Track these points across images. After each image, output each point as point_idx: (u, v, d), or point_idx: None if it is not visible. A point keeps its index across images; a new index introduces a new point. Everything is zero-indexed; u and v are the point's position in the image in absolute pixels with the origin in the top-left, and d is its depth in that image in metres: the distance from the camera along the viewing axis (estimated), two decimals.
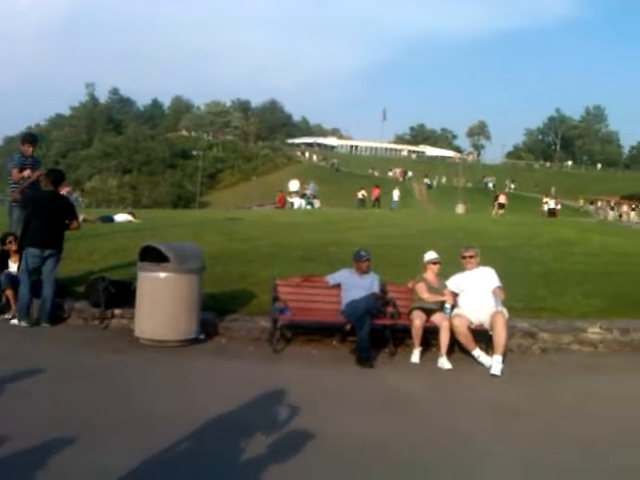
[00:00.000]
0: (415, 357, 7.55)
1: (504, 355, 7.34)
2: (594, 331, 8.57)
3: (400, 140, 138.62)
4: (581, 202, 58.27)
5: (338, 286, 7.96)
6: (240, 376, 6.66)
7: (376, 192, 41.89)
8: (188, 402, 5.73)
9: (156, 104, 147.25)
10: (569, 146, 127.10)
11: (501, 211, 37.93)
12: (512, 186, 68.67)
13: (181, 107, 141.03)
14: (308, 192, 38.36)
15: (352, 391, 6.41)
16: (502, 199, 40.62)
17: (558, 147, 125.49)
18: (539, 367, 7.79)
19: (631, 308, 9.64)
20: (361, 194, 41.44)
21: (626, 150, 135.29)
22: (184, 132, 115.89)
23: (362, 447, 4.85)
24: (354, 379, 6.83)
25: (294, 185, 38.90)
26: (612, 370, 7.76)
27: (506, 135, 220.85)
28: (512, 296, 8.21)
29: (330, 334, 8.03)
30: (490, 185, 69.87)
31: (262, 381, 6.36)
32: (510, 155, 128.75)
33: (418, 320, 7.54)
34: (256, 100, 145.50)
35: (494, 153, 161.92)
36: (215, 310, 8.31)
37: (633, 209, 50.22)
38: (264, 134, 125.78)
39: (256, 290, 9.11)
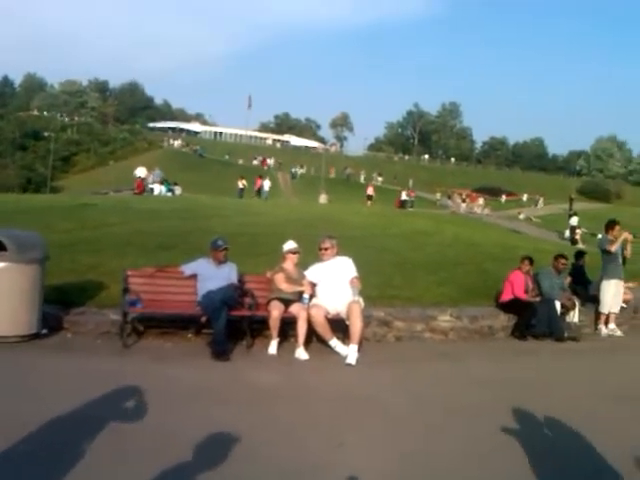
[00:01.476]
0: (272, 348, 7.45)
1: (360, 344, 7.43)
2: (445, 319, 8.92)
3: (265, 128, 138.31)
4: (438, 195, 60.84)
5: (194, 276, 7.68)
6: (86, 372, 6.23)
7: (259, 182, 42.32)
8: (29, 401, 5.28)
9: (6, 81, 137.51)
10: (426, 140, 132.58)
11: (369, 202, 39.42)
12: (379, 179, 71.31)
13: (34, 85, 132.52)
14: (153, 179, 37.05)
15: (207, 385, 6.21)
16: (370, 191, 42.35)
17: (416, 141, 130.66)
18: (393, 355, 7.99)
19: (479, 296, 10.17)
20: (241, 183, 41.28)
21: (478, 145, 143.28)
22: (36, 112, 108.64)
23: (215, 443, 4.66)
24: (210, 373, 6.63)
25: (140, 172, 37.48)
26: (462, 357, 8.11)
27: (368, 127, 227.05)
28: (368, 285, 8.33)
29: (185, 327, 7.77)
30: (362, 178, 72.55)
31: (110, 377, 6.00)
32: (371, 147, 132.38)
33: (276, 311, 7.44)
34: (115, 81, 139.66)
35: (356, 145, 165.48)
36: (61, 303, 7.81)
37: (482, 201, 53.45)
38: (123, 117, 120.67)
39: (107, 281, 8.64)
